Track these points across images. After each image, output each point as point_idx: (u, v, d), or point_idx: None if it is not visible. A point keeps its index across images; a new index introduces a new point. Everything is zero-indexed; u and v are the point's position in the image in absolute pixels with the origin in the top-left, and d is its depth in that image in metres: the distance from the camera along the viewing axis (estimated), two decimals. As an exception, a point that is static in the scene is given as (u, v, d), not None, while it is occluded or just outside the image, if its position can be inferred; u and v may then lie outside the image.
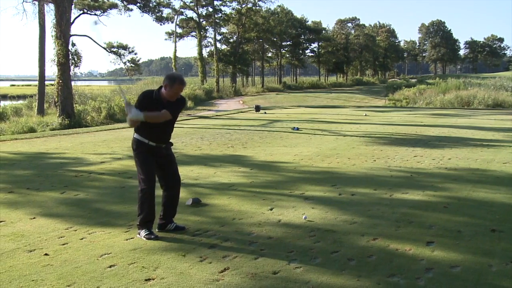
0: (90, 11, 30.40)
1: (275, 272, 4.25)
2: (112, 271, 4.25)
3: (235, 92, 54.79)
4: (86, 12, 30.29)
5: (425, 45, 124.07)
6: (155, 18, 34.04)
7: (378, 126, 18.98)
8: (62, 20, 23.54)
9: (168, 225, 5.43)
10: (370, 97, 51.45)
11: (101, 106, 26.67)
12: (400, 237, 5.22)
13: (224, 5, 59.85)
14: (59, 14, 23.41)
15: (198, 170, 9.26)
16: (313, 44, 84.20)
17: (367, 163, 10.15)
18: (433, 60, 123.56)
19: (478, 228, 5.54)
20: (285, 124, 19.65)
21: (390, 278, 4.13)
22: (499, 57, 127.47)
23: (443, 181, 8.25)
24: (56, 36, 23.87)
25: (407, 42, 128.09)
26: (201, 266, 4.39)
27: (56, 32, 23.88)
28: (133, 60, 32.10)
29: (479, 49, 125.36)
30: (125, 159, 10.78)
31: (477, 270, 4.31)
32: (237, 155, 11.48)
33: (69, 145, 13.44)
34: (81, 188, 7.75)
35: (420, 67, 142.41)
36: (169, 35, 60.13)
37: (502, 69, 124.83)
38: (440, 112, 28.50)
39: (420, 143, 13.27)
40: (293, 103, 42.12)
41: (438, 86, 45.31)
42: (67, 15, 24.09)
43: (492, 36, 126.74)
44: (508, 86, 43.11)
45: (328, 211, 6.30)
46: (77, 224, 5.70)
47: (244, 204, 6.63)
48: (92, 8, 30.32)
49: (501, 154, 11.24)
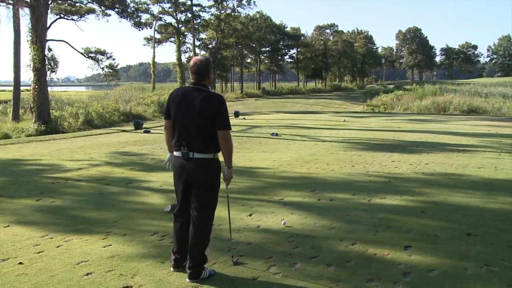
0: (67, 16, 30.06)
1: (254, 278, 4.24)
2: (89, 279, 4.19)
3: (214, 97, 54.69)
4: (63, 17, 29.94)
5: (402, 51, 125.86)
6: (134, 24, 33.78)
7: (356, 131, 19.14)
8: (38, 24, 23.21)
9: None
10: (348, 102, 51.90)
11: (79, 112, 26.31)
12: (378, 241, 5.26)
13: (203, 11, 59.88)
14: (35, 18, 23.08)
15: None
16: (292, 50, 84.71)
17: (345, 168, 10.22)
18: (410, 66, 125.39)
19: (454, 232, 5.62)
20: (264, 130, 19.69)
21: (368, 282, 4.15)
22: (473, 64, 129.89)
23: (420, 186, 8.36)
24: (32, 41, 23.52)
25: (384, 48, 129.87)
26: (180, 272, 4.35)
27: (32, 37, 23.52)
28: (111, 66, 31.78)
29: (454, 55, 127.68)
30: (103, 165, 10.67)
31: (453, 273, 4.37)
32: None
33: (45, 152, 13.24)
34: (57, 195, 7.63)
35: (398, 73, 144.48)
36: (148, 41, 59.88)
37: (476, 75, 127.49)
38: (417, 117, 28.91)
39: (397, 149, 13.42)
40: (272, 109, 42.26)
41: (415, 92, 46.01)
42: (43, 19, 23.76)
43: (466, 44, 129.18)
44: (482, 92, 44.13)
45: (307, 216, 6.32)
46: (53, 232, 5.60)
47: (223, 210, 6.60)
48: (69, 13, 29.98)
49: (476, 159, 11.44)
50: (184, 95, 4.15)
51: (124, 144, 15.13)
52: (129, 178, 9.19)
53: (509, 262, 4.66)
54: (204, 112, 4.02)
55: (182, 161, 4.13)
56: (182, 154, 4.11)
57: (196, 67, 4.12)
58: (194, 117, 4.04)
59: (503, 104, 36.58)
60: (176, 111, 4.14)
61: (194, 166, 4.08)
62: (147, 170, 9.97)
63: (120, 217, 6.28)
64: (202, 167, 4.09)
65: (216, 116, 4.03)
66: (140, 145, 14.53)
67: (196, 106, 4.04)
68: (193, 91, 4.12)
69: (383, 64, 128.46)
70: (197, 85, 4.14)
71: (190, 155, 4.08)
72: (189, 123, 4.06)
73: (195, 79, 4.16)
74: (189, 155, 4.08)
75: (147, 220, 6.17)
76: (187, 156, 4.09)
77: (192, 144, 4.07)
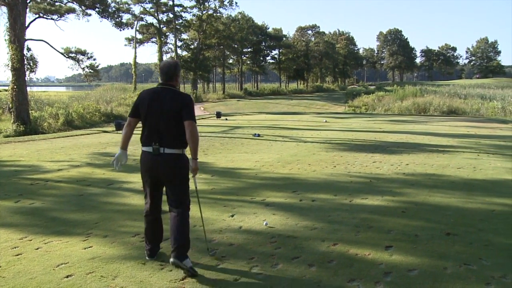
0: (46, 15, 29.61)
1: (236, 279, 4.24)
2: (69, 281, 4.14)
3: (196, 98, 54.50)
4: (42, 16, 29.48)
5: (383, 53, 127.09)
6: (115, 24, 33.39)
7: (338, 132, 19.26)
8: (16, 24, 22.88)
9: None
10: (330, 103, 52.18)
11: (59, 113, 26.00)
12: (359, 242, 5.30)
13: (184, 12, 59.81)
14: (13, 17, 22.75)
15: (158, 177, 9.15)
16: (274, 51, 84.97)
17: (327, 169, 10.27)
18: (391, 68, 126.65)
19: (434, 232, 5.69)
20: (246, 131, 19.69)
21: (350, 283, 4.18)
22: (453, 66, 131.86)
23: (401, 186, 8.44)
24: (10, 40, 23.18)
25: (366, 49, 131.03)
26: (162, 274, 4.33)
27: (10, 36, 23.18)
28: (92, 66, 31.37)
29: (434, 57, 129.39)
30: (84, 166, 10.56)
31: (433, 273, 4.42)
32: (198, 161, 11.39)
33: (24, 152, 13.05)
34: (37, 197, 7.52)
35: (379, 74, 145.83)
36: (129, 41, 59.47)
37: (455, 77, 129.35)
38: (398, 118, 29.20)
39: (379, 149, 13.53)
40: (254, 110, 42.27)
41: (396, 93, 46.46)
42: (21, 18, 23.41)
43: (446, 45, 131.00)
44: (461, 94, 44.84)
45: (289, 217, 6.34)
46: (32, 234, 5.52)
47: (205, 211, 6.59)
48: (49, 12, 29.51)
49: (455, 159, 11.59)
50: (154, 95, 4.45)
51: (105, 145, 14.99)
52: (110, 179, 9.11)
53: (486, 261, 4.73)
54: (173, 109, 4.33)
55: (153, 156, 4.39)
56: (153, 150, 4.38)
57: (166, 69, 4.48)
58: (164, 115, 4.34)
59: (481, 105, 37.16)
60: (147, 110, 4.42)
61: (164, 160, 4.37)
62: (129, 171, 9.89)
63: (101, 219, 6.22)
64: (172, 161, 4.39)
65: (183, 110, 4.32)
66: (121, 146, 14.39)
67: (166, 105, 4.35)
68: (162, 91, 4.44)
69: (364, 65, 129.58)
70: (165, 85, 4.47)
71: (160, 150, 4.35)
72: (159, 121, 4.35)
73: (164, 80, 4.49)
74: (159, 151, 4.36)
75: (128, 221, 6.12)
76: (158, 151, 4.36)
77: (163, 141, 4.35)
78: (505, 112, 32.87)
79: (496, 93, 46.19)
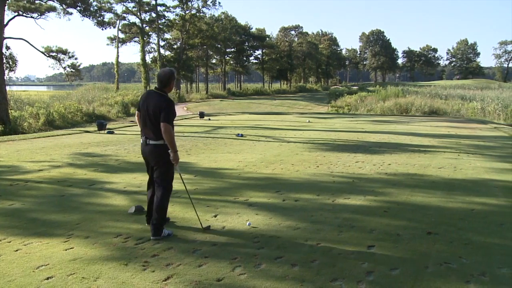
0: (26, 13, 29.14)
1: (219, 279, 4.23)
2: (49, 283, 4.09)
3: (179, 98, 54.20)
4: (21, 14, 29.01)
5: (366, 53, 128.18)
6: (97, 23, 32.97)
7: (321, 132, 19.34)
8: (-5, 22, 22.52)
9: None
10: (313, 104, 52.35)
11: (39, 112, 25.60)
12: (342, 241, 5.33)
13: (167, 11, 59.39)
14: (-9, 15, 22.39)
15: (141, 178, 9.08)
16: (257, 51, 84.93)
17: (310, 169, 10.31)
18: (373, 68, 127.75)
19: (415, 231, 5.75)
20: (229, 131, 19.66)
21: (332, 282, 4.20)
22: (434, 67, 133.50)
23: (383, 186, 8.51)
24: (-12, 38, 22.81)
25: (348, 50, 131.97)
26: (144, 275, 4.30)
27: (-12, 35, 22.81)
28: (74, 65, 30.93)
29: (416, 58, 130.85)
30: (65, 166, 10.43)
31: (414, 271, 4.47)
32: (181, 162, 11.31)
33: (3, 153, 12.85)
34: (16, 198, 7.42)
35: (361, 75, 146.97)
36: (111, 40, 58.85)
37: (436, 77, 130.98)
38: (380, 118, 29.42)
39: (361, 149, 13.62)
40: (237, 110, 42.20)
41: (378, 94, 46.78)
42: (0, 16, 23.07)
43: (427, 47, 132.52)
44: (442, 94, 45.39)
45: (272, 217, 6.35)
46: (11, 235, 5.44)
47: (188, 211, 6.57)
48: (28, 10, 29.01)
49: (436, 159, 11.73)
50: (147, 97, 5.51)
51: (87, 145, 14.84)
52: (92, 179, 9.02)
53: (466, 259, 4.80)
54: (156, 111, 5.27)
55: (144, 146, 5.56)
56: (143, 141, 5.57)
57: (161, 77, 5.45)
58: (150, 113, 5.34)
59: (461, 106, 37.63)
60: (141, 108, 5.51)
61: (149, 149, 5.47)
62: (111, 171, 9.80)
63: (82, 219, 6.16)
64: (154, 151, 5.43)
65: (161, 113, 5.24)
66: (103, 146, 14.27)
67: (152, 106, 5.33)
68: (154, 94, 5.45)
69: (347, 66, 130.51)
70: (159, 90, 5.46)
71: (147, 142, 5.46)
72: (147, 118, 5.40)
73: (159, 85, 5.48)
74: (146, 142, 5.47)
75: (110, 222, 6.07)
76: (146, 142, 5.49)
77: (149, 134, 5.43)
78: (485, 113, 33.31)
79: (476, 94, 46.84)
